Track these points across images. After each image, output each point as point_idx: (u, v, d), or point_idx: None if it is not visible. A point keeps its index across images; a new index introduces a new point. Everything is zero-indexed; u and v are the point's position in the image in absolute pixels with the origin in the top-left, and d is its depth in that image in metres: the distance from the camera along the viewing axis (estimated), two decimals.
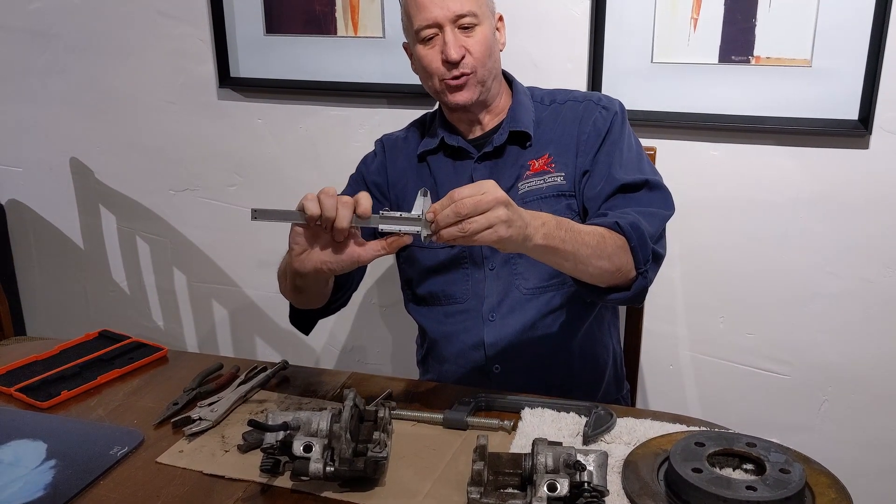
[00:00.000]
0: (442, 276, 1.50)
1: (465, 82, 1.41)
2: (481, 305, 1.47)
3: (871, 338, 1.81)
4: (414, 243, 1.47)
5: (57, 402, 1.32)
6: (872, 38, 1.61)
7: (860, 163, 1.71)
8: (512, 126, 1.46)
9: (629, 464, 1.09)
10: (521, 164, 1.46)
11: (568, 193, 1.44)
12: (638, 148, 1.47)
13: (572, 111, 1.48)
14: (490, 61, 1.42)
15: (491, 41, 1.42)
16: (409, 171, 1.54)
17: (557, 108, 1.50)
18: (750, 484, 0.99)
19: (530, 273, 1.45)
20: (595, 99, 1.49)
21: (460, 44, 1.39)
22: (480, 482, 1.00)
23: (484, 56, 1.40)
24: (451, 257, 1.48)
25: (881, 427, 1.85)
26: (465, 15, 1.38)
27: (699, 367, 1.96)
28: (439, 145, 1.50)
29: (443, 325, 1.51)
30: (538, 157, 1.46)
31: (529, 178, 1.45)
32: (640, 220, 1.30)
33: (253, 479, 1.10)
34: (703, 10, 1.70)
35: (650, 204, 1.37)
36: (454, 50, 1.38)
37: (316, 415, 1.08)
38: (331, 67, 2.01)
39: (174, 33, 2.12)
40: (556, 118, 1.49)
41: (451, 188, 1.40)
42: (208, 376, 1.38)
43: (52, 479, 1.11)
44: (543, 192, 1.43)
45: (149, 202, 2.32)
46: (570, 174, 1.44)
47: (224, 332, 2.38)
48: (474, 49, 1.39)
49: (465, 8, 1.38)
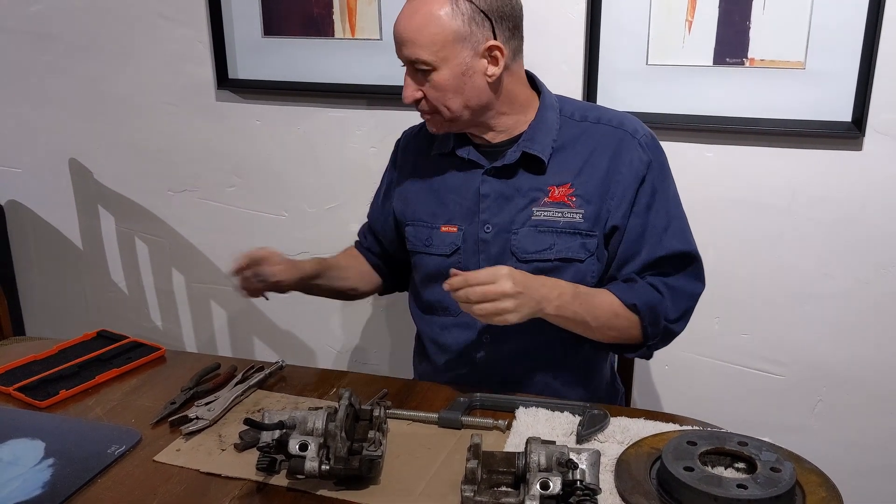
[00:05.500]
0: (439, 286, 1.44)
1: (430, 120, 1.39)
2: (476, 322, 1.42)
3: (865, 338, 1.82)
4: (417, 249, 1.49)
5: (55, 401, 1.33)
6: (866, 41, 1.62)
7: (854, 164, 1.72)
8: (527, 147, 1.38)
9: (622, 462, 1.10)
10: (538, 186, 1.39)
11: (584, 232, 1.37)
12: (678, 200, 1.42)
13: (604, 137, 1.39)
14: (458, 100, 1.33)
15: (454, 83, 1.32)
16: (418, 169, 1.51)
17: (588, 129, 1.40)
18: (741, 482, 1.00)
19: None
20: (631, 130, 1.39)
21: (416, 86, 1.35)
22: (474, 480, 1.01)
23: (443, 98, 1.33)
24: (446, 266, 1.42)
25: (875, 427, 1.86)
26: (416, 62, 1.32)
27: (694, 368, 1.97)
28: (451, 151, 1.45)
29: (440, 336, 1.49)
30: (559, 185, 1.37)
31: (547, 207, 1.38)
32: (661, 303, 1.36)
33: (249, 477, 1.11)
34: (697, 13, 1.71)
35: (684, 280, 1.39)
36: (405, 93, 1.36)
37: (312, 414, 1.09)
38: (328, 69, 2.02)
39: (173, 35, 2.13)
40: (584, 140, 1.39)
41: (457, 196, 1.44)
42: (205, 376, 1.39)
43: (50, 477, 1.12)
44: (559, 227, 1.37)
45: (147, 203, 2.33)
46: (591, 214, 1.36)
47: (222, 332, 2.39)
48: (430, 93, 1.34)
49: (414, 55, 1.31)
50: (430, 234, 1.46)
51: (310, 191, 2.16)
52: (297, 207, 2.18)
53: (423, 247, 1.47)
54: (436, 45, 1.29)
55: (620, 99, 1.79)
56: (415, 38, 1.30)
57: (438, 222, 1.45)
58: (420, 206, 1.48)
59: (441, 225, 1.45)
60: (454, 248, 1.43)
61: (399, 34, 1.32)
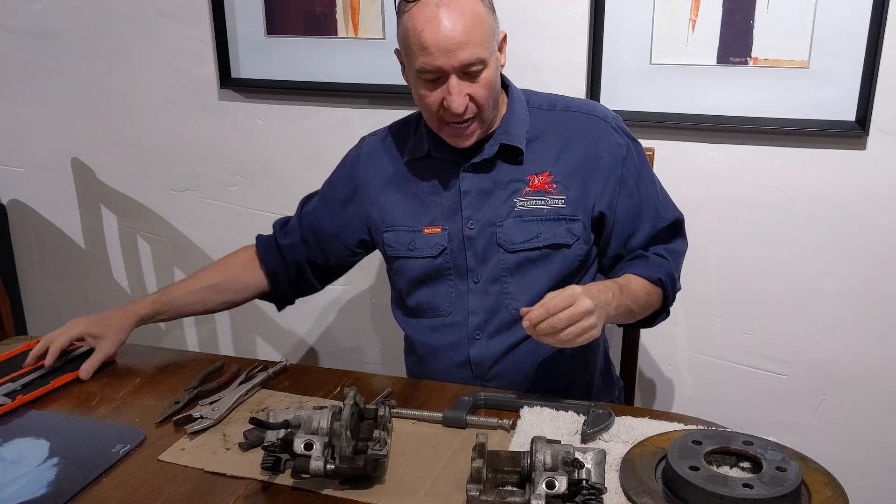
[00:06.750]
0: (427, 288, 1.46)
1: (468, 128, 1.35)
2: (466, 321, 1.44)
3: (868, 337, 1.82)
4: (399, 254, 1.48)
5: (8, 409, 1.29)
6: (870, 40, 1.62)
7: (857, 164, 1.72)
8: (503, 139, 1.39)
9: (627, 462, 1.10)
10: (518, 177, 1.41)
11: (569, 217, 1.39)
12: (655, 174, 1.49)
13: (577, 124, 1.42)
14: (493, 97, 1.35)
15: (495, 78, 1.33)
16: (393, 175, 1.48)
17: (559, 117, 1.43)
18: (746, 482, 1.00)
19: (522, 293, 1.41)
20: (602, 115, 1.43)
21: (465, 93, 1.30)
22: (479, 480, 1.01)
23: (489, 97, 1.33)
24: (435, 268, 1.44)
25: (878, 426, 1.86)
26: (474, 63, 1.29)
27: (697, 367, 1.97)
28: (426, 155, 1.44)
29: (429, 338, 1.48)
30: (538, 173, 1.40)
31: (529, 196, 1.40)
32: (673, 268, 1.44)
33: (254, 476, 1.11)
34: (701, 12, 1.71)
35: (677, 243, 1.48)
36: (458, 104, 1.30)
37: (316, 413, 1.09)
38: (331, 68, 2.02)
39: (175, 34, 2.13)
40: (556, 128, 1.42)
41: (437, 197, 1.44)
42: (209, 375, 1.39)
43: (55, 476, 1.12)
44: (544, 214, 1.39)
45: (150, 202, 2.33)
46: (574, 198, 1.39)
47: (224, 331, 2.38)
48: (479, 94, 1.31)
49: (474, 56, 1.27)
50: (412, 237, 1.45)
51: (312, 190, 2.15)
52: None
53: (405, 251, 1.46)
54: (486, 41, 1.30)
55: (624, 98, 1.79)
56: (470, 39, 1.27)
57: (420, 225, 1.45)
58: (399, 211, 1.47)
59: (423, 227, 1.44)
60: (440, 248, 1.43)
61: (450, 40, 1.26)
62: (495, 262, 1.41)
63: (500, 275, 1.42)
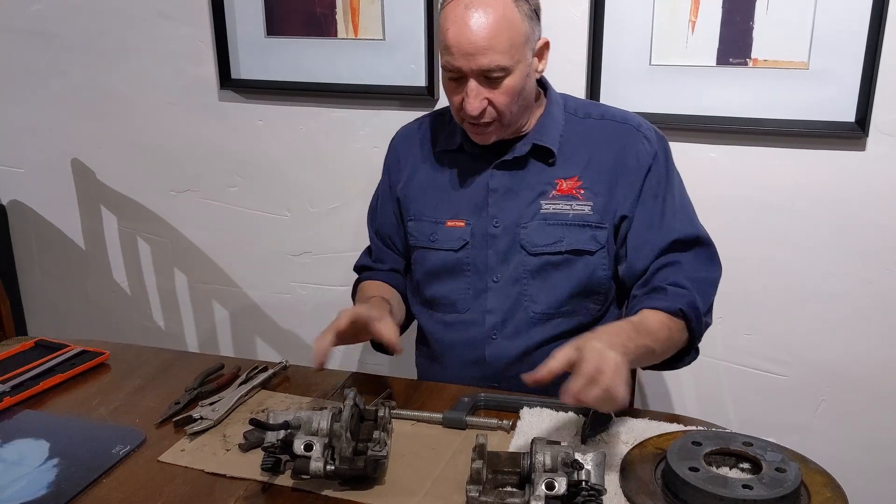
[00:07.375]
0: (445, 282, 1.46)
1: (486, 130, 1.35)
2: (483, 319, 1.43)
3: (868, 338, 1.82)
4: (419, 244, 1.48)
5: None
6: (869, 41, 1.62)
7: (857, 164, 1.72)
8: (536, 139, 1.39)
9: (627, 463, 1.10)
10: (546, 180, 1.40)
11: (594, 224, 1.38)
12: (684, 190, 1.43)
13: (609, 132, 1.41)
14: (518, 104, 1.34)
15: (520, 86, 1.32)
16: (423, 164, 1.49)
17: (592, 125, 1.42)
18: (746, 482, 1.00)
19: (542, 297, 1.41)
20: (635, 124, 1.42)
21: (483, 97, 1.30)
22: (479, 481, 1.01)
23: (510, 104, 1.32)
24: (454, 262, 1.44)
25: (878, 427, 1.86)
26: (493, 70, 1.28)
27: (697, 368, 1.96)
28: (458, 148, 1.45)
29: (444, 333, 1.48)
30: (567, 178, 1.39)
31: (556, 200, 1.39)
32: (696, 297, 1.32)
33: (254, 477, 1.11)
34: (701, 13, 1.71)
35: (702, 267, 1.38)
36: (472, 107, 1.30)
37: (316, 414, 1.09)
38: (331, 69, 2.02)
39: (175, 35, 2.13)
40: (589, 135, 1.41)
41: (464, 191, 1.44)
42: (209, 376, 1.39)
43: (55, 477, 1.12)
44: (569, 220, 1.38)
45: (150, 203, 2.33)
46: (600, 205, 1.38)
47: (225, 332, 2.39)
48: (498, 100, 1.31)
49: (493, 63, 1.27)
50: (434, 229, 1.46)
51: (312, 191, 2.16)
52: (300, 207, 2.18)
53: (427, 242, 1.47)
54: (513, 49, 1.28)
55: (624, 99, 1.79)
56: (493, 45, 1.26)
57: (444, 217, 1.45)
58: (424, 201, 1.48)
59: (447, 220, 1.45)
60: (462, 242, 1.43)
61: (471, 44, 1.27)
62: (517, 263, 1.41)
63: (520, 276, 1.41)
